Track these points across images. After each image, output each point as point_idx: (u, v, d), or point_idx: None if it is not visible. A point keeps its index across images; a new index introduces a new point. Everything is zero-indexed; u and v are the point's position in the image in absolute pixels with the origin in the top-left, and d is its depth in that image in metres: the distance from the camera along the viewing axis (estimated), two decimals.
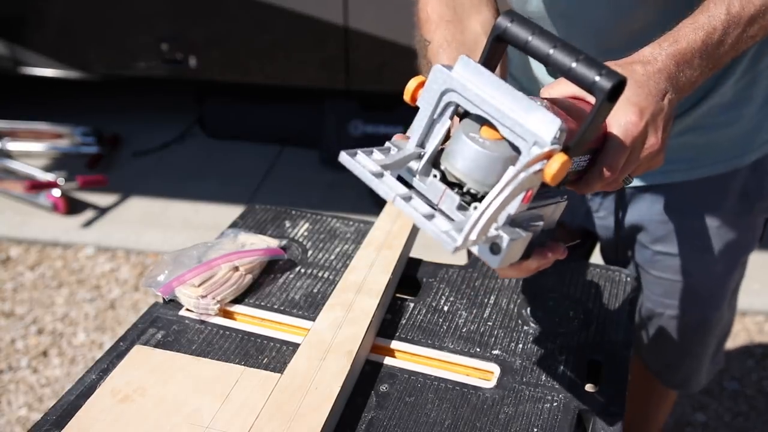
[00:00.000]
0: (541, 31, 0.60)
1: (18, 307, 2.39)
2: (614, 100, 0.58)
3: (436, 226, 0.57)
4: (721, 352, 1.28)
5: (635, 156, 0.68)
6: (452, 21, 0.88)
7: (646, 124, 0.66)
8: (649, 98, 0.67)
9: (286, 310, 0.92)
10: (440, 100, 0.61)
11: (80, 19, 3.01)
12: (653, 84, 0.69)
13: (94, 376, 0.81)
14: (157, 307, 0.92)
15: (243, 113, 3.28)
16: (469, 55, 0.62)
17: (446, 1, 0.89)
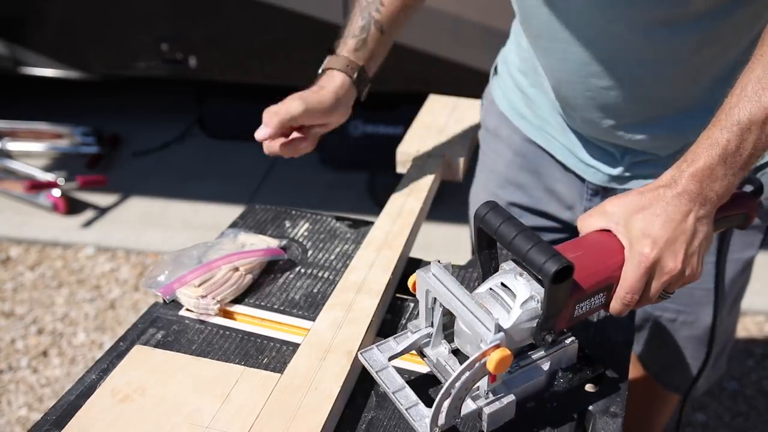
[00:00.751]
0: (509, 219, 0.72)
1: (18, 307, 2.39)
2: (560, 282, 0.67)
3: (417, 412, 0.71)
4: (722, 358, 1.28)
5: (657, 281, 0.74)
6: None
7: (659, 251, 0.73)
8: (666, 226, 0.73)
9: (286, 310, 0.92)
10: (427, 295, 0.76)
11: (80, 19, 3.01)
12: (672, 209, 0.74)
13: (94, 376, 0.81)
14: (157, 307, 0.92)
15: (243, 113, 3.28)
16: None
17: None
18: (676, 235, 0.74)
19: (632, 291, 0.74)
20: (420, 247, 1.08)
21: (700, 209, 0.75)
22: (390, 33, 1.05)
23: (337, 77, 1.01)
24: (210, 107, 3.32)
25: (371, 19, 1.03)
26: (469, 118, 1.31)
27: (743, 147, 0.74)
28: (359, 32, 1.03)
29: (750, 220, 0.91)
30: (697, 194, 0.75)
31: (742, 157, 0.75)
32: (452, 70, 2.65)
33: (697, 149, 0.76)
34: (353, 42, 1.03)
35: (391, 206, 1.08)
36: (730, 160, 0.75)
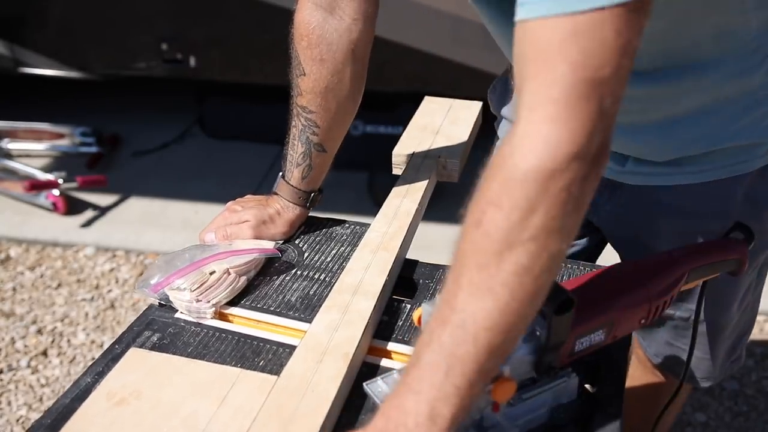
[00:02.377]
0: None
1: (18, 307, 2.39)
2: (562, 313, 0.70)
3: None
4: (739, 349, 1.27)
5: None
6: (326, 61, 1.00)
7: None
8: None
9: (282, 312, 0.92)
10: None
11: (80, 19, 3.01)
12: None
13: (89, 380, 0.81)
14: (152, 309, 0.92)
15: (243, 113, 3.28)
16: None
17: (325, 28, 0.99)
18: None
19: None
20: (418, 248, 1.08)
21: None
22: (331, 148, 1.07)
23: (292, 210, 1.08)
24: (210, 107, 3.32)
25: (310, 144, 1.05)
26: (464, 119, 1.31)
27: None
28: (302, 160, 1.06)
29: (743, 266, 0.92)
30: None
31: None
32: (452, 70, 2.65)
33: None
34: (298, 171, 1.07)
35: (387, 208, 1.08)
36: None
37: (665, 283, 0.81)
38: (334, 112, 1.03)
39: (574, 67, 0.60)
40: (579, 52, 0.60)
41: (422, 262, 1.03)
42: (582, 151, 0.61)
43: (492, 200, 0.63)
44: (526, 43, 0.63)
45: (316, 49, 0.99)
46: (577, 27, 0.60)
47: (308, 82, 1.01)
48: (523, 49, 0.64)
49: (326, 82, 1.01)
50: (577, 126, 0.61)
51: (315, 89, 1.01)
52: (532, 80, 0.62)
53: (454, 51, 2.61)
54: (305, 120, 1.04)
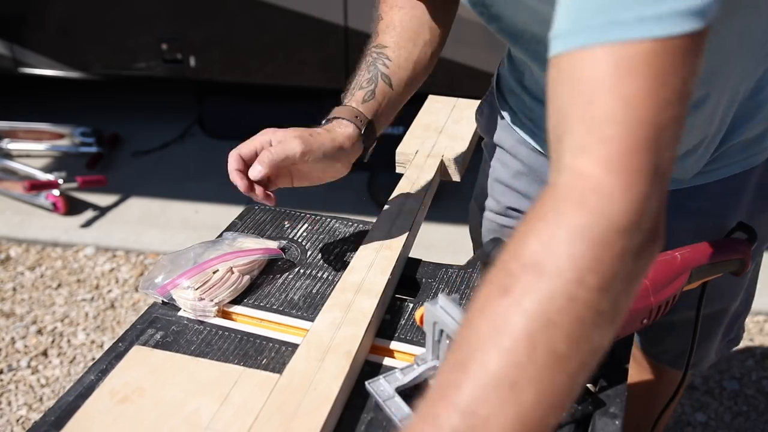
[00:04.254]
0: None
1: (18, 307, 2.39)
2: None
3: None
4: (735, 329, 1.26)
5: None
6: (404, 8, 1.00)
7: None
8: None
9: (285, 311, 0.92)
10: (434, 327, 0.77)
11: (80, 19, 3.01)
12: None
13: (92, 377, 0.81)
14: (155, 307, 0.92)
15: (243, 113, 3.28)
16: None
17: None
18: None
19: None
20: (420, 248, 1.08)
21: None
22: (398, 91, 0.97)
23: (345, 126, 0.92)
24: (210, 107, 3.32)
25: (378, 72, 0.97)
26: (468, 118, 1.31)
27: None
28: (367, 84, 0.96)
29: (746, 266, 0.92)
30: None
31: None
32: (452, 70, 2.65)
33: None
34: (361, 93, 0.95)
35: (390, 207, 1.08)
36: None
37: (668, 283, 0.81)
38: (408, 50, 0.98)
39: (628, 106, 0.50)
40: (634, 88, 0.51)
41: (425, 261, 1.03)
42: (637, 213, 0.51)
43: (529, 262, 0.51)
44: (563, 81, 0.54)
45: (391, 2, 1.01)
46: (630, 59, 0.51)
47: (382, 24, 1.00)
48: (560, 89, 0.54)
49: (400, 22, 0.99)
50: (635, 179, 0.51)
51: (388, 27, 0.99)
52: (578, 122, 0.52)
53: (454, 51, 2.61)
54: (377, 53, 0.98)
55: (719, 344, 1.23)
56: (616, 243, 0.51)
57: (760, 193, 1.01)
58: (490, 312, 0.51)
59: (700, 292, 0.94)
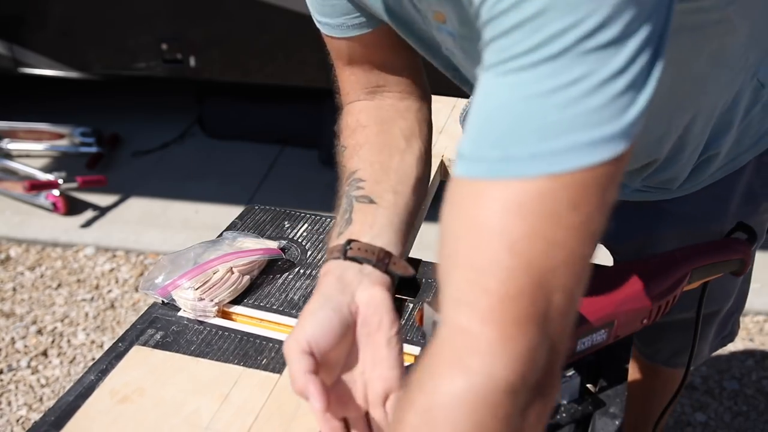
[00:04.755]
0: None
1: (18, 307, 2.39)
2: None
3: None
4: (729, 326, 1.26)
5: None
6: (368, 126, 0.86)
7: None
8: None
9: (285, 311, 0.92)
10: (434, 327, 0.72)
11: (80, 19, 3.01)
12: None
13: (92, 377, 0.81)
14: (155, 307, 0.92)
15: (243, 113, 3.28)
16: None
17: (368, 110, 0.87)
18: None
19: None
20: (420, 248, 1.08)
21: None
22: (387, 202, 0.81)
23: (324, 268, 0.76)
24: (210, 107, 3.32)
25: (351, 199, 0.81)
26: None
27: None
28: (341, 218, 0.81)
29: (746, 266, 0.92)
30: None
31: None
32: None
33: None
34: (335, 230, 0.81)
35: None
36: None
37: (668, 283, 0.82)
38: (382, 163, 0.84)
39: (512, 252, 0.47)
40: (520, 231, 0.47)
41: (425, 261, 1.03)
42: (520, 368, 0.47)
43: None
44: (456, 209, 0.51)
45: (353, 125, 0.88)
46: (520, 199, 0.47)
47: (348, 152, 0.86)
48: (452, 217, 0.51)
49: (366, 139, 0.85)
50: (517, 331, 0.47)
51: (354, 151, 0.85)
52: (461, 268, 0.49)
53: None
54: (348, 185, 0.83)
55: (713, 342, 1.24)
56: (499, 405, 0.47)
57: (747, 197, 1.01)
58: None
59: (701, 292, 0.94)
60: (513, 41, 0.48)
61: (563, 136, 0.47)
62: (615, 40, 0.46)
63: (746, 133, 0.95)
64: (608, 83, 0.46)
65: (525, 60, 0.47)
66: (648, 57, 0.47)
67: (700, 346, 1.21)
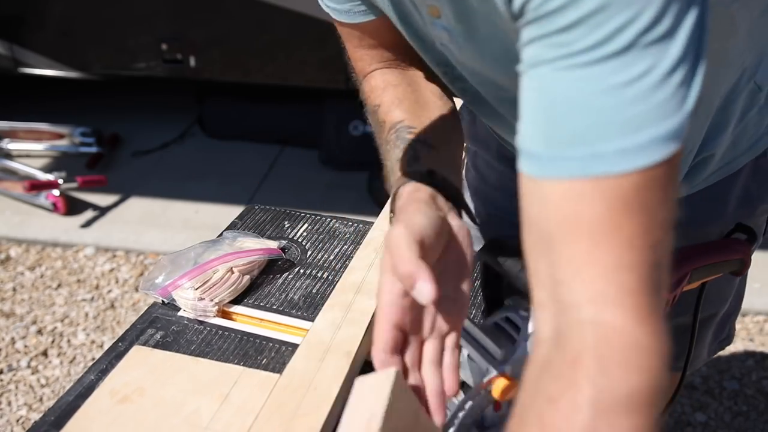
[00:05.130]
0: (515, 255, 0.70)
1: (18, 307, 2.39)
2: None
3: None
4: (727, 329, 1.26)
5: None
6: (400, 85, 0.86)
7: None
8: None
9: (285, 311, 0.92)
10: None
11: (80, 19, 3.01)
12: None
13: (92, 377, 0.81)
14: (156, 307, 0.92)
15: (243, 113, 3.28)
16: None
17: (393, 73, 0.87)
18: None
19: None
20: None
21: None
22: (441, 149, 0.80)
23: (406, 189, 0.73)
24: (210, 107, 3.32)
25: (407, 142, 0.80)
26: None
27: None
28: (402, 157, 0.78)
29: (746, 266, 0.91)
30: None
31: None
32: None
33: None
34: (399, 165, 0.78)
35: None
36: None
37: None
38: (427, 116, 0.83)
39: (634, 249, 0.49)
40: (633, 228, 0.49)
41: None
42: (665, 359, 0.50)
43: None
44: (547, 209, 0.52)
45: (382, 85, 0.87)
46: (622, 196, 0.49)
47: (384, 107, 0.84)
48: (545, 217, 0.52)
49: (404, 95, 0.84)
50: (660, 327, 0.50)
51: (392, 105, 0.84)
52: (588, 266, 0.50)
53: None
54: (395, 132, 0.81)
55: (710, 345, 1.24)
56: (654, 404, 0.49)
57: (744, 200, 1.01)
58: None
59: (698, 294, 0.94)
60: (575, 37, 0.49)
61: (644, 130, 0.48)
62: (669, 32, 0.48)
63: (743, 136, 0.95)
64: (670, 75, 0.48)
65: (592, 55, 0.48)
66: (696, 47, 0.49)
67: (697, 349, 1.21)
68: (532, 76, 0.52)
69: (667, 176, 0.49)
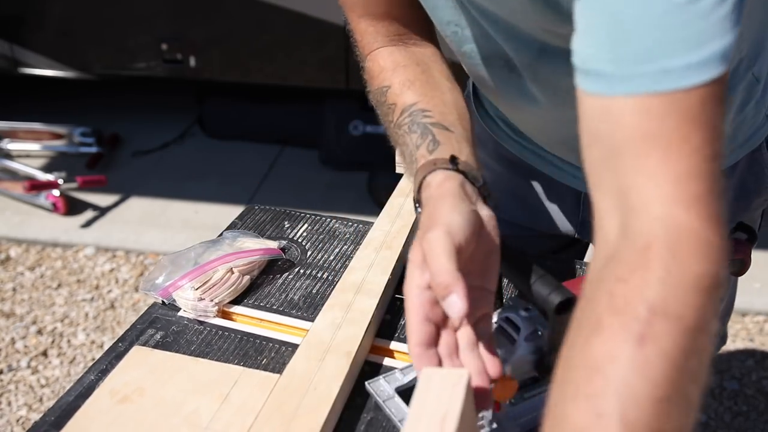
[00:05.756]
0: (515, 255, 0.72)
1: (18, 307, 2.39)
2: (563, 313, 0.67)
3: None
4: (721, 331, 1.27)
5: None
6: (409, 66, 0.85)
7: None
8: None
9: (285, 311, 0.92)
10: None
11: (80, 19, 3.02)
12: None
13: (92, 377, 0.81)
14: (156, 307, 0.92)
15: (243, 113, 3.28)
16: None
17: (399, 51, 0.86)
18: None
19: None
20: None
21: None
22: (458, 132, 0.78)
23: (436, 178, 0.71)
24: (210, 107, 3.32)
25: (425, 125, 0.78)
26: None
27: None
28: (421, 139, 0.77)
29: (746, 266, 0.91)
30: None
31: None
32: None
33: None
34: (423, 150, 0.76)
35: (390, 207, 1.08)
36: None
37: None
38: (440, 97, 0.82)
39: (703, 158, 0.52)
40: (700, 139, 0.52)
41: None
42: (725, 262, 0.53)
43: (658, 309, 0.50)
44: (616, 124, 0.54)
45: (390, 66, 0.85)
46: (688, 109, 0.52)
47: (395, 89, 0.83)
48: (613, 132, 0.54)
49: (415, 77, 0.83)
50: (723, 231, 0.53)
51: (404, 87, 0.83)
52: (658, 173, 0.52)
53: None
54: (409, 116, 0.80)
55: None
56: (719, 291, 0.52)
57: (740, 193, 1.01)
58: (630, 361, 0.49)
59: None
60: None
61: (706, 46, 0.51)
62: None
63: (740, 129, 0.95)
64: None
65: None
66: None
67: None
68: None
69: (723, 91, 0.52)
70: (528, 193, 1.11)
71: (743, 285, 1.24)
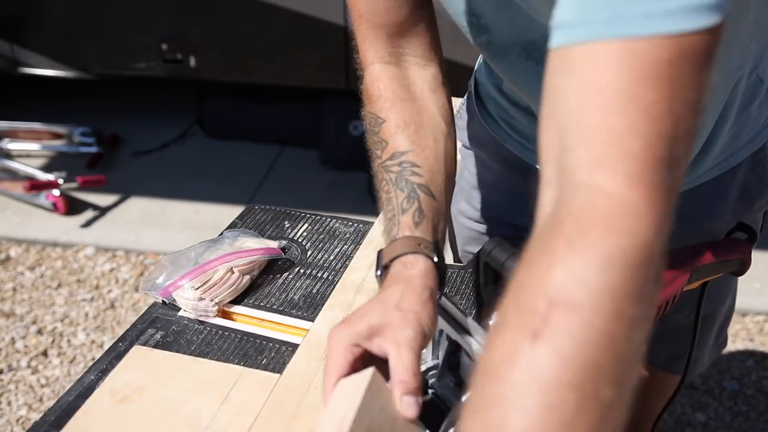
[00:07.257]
0: (516, 254, 0.72)
1: (18, 307, 2.39)
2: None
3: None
4: (724, 333, 1.27)
5: None
6: (407, 100, 0.83)
7: None
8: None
9: (285, 311, 0.92)
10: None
11: (80, 19, 3.01)
12: None
13: (92, 377, 0.81)
14: (156, 307, 0.92)
15: (243, 113, 3.28)
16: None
17: (399, 79, 0.85)
18: None
19: None
20: None
21: None
22: (441, 200, 0.78)
23: (414, 264, 0.70)
24: (210, 107, 3.32)
25: (413, 186, 0.77)
26: None
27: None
28: (408, 204, 0.76)
29: (746, 266, 0.91)
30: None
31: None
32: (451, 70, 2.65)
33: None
34: (408, 217, 0.75)
35: None
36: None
37: (668, 283, 0.81)
38: (432, 149, 0.81)
39: (650, 117, 0.46)
40: (652, 97, 0.46)
41: None
42: (662, 233, 0.47)
43: (559, 299, 0.45)
44: (567, 76, 0.49)
45: (389, 96, 0.83)
46: (643, 62, 0.46)
47: (390, 126, 0.82)
48: (564, 85, 0.49)
49: (411, 117, 0.82)
50: (659, 197, 0.47)
51: (398, 127, 0.81)
52: (594, 132, 0.47)
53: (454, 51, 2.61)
54: (399, 165, 0.79)
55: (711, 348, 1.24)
56: (648, 266, 0.46)
57: (743, 195, 1.01)
58: (522, 362, 0.44)
59: (700, 293, 0.94)
60: None
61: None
62: None
63: (743, 129, 0.95)
64: None
65: None
66: None
67: (699, 352, 1.21)
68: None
69: (700, 53, 0.46)
70: (528, 193, 1.11)
71: (743, 285, 1.24)
